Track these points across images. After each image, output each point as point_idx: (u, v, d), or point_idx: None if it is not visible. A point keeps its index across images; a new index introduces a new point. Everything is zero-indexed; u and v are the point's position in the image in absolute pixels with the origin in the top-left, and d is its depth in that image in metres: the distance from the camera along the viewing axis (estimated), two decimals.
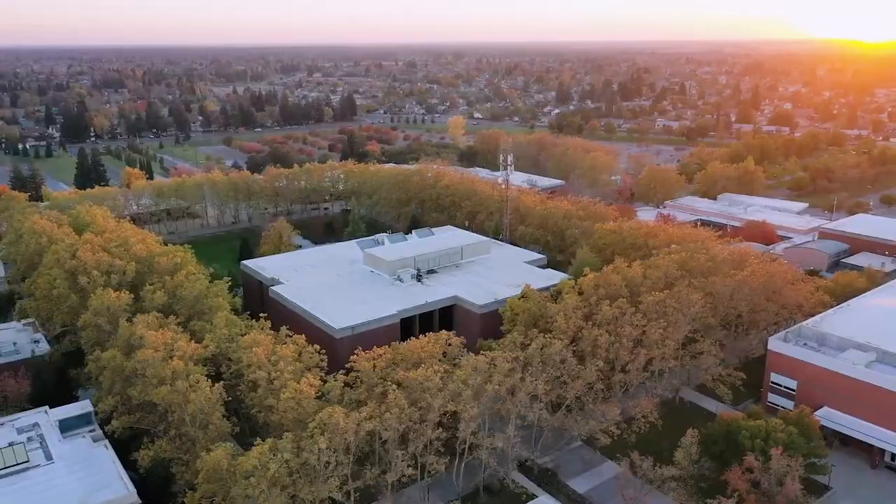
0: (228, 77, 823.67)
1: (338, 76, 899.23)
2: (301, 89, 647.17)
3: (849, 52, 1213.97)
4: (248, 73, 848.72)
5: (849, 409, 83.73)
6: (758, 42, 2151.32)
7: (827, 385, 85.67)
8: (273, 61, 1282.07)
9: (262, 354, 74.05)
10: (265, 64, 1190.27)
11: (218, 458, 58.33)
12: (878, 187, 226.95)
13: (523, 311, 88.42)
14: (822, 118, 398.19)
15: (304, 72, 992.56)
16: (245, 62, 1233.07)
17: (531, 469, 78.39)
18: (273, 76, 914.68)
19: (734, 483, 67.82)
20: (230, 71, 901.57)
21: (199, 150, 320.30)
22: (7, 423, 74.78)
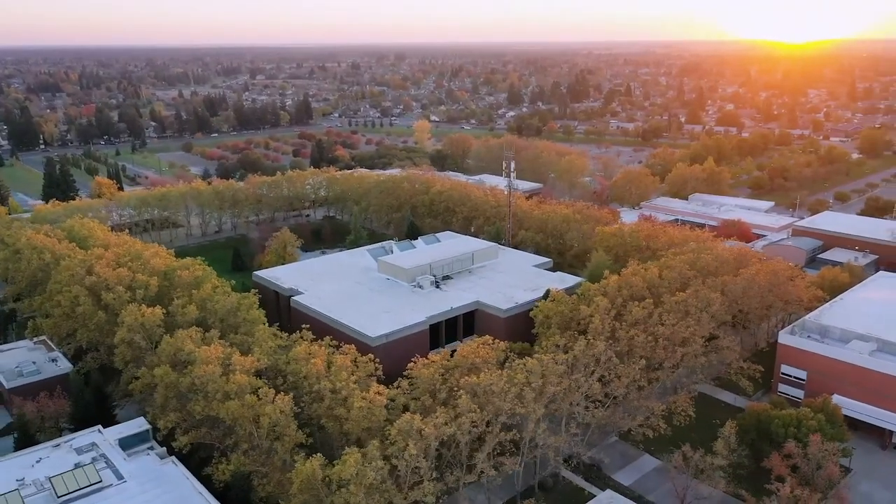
0: (169, 80, 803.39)
1: (282, 78, 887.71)
2: (249, 93, 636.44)
3: (774, 53, 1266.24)
4: (191, 76, 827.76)
5: (857, 395, 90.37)
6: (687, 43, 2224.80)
7: (835, 374, 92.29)
8: (211, 63, 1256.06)
9: (321, 365, 75.67)
10: (203, 66, 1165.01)
11: (313, 468, 59.89)
12: (829, 185, 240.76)
13: (555, 314, 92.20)
14: (764, 118, 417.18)
15: (246, 74, 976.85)
16: (182, 64, 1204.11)
17: (576, 465, 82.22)
18: (214, 79, 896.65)
19: (776, 469, 73.07)
20: (170, 73, 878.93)
21: (158, 156, 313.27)
22: (63, 444, 74.07)
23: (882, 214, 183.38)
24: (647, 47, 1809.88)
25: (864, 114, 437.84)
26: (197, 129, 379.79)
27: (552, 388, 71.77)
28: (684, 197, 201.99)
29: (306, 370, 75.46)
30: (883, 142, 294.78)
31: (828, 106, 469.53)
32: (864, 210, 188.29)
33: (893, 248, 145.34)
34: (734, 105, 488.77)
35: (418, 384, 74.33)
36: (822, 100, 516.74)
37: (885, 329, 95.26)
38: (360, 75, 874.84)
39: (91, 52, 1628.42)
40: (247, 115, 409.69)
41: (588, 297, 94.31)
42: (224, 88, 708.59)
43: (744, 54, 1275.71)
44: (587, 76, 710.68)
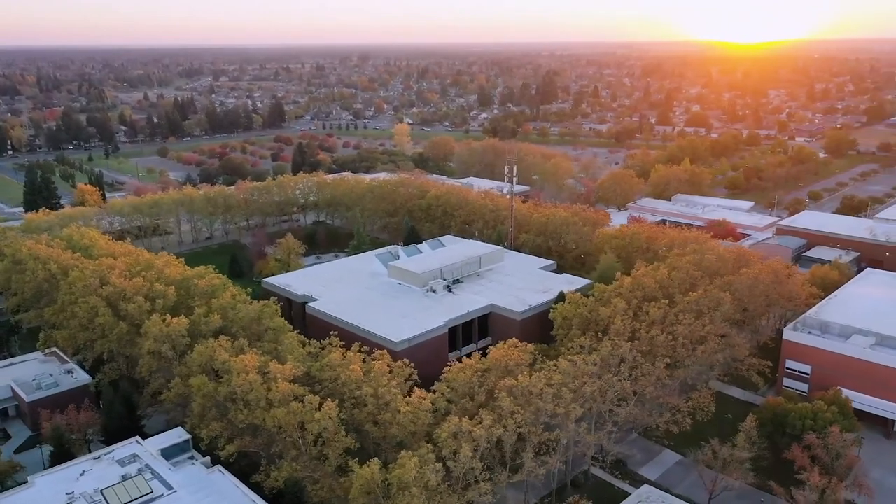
0: (130, 82, 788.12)
1: (247, 80, 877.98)
2: (215, 95, 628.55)
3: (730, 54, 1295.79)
4: (154, 79, 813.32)
5: (859, 387, 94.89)
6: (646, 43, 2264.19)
7: (838, 367, 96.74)
8: (171, 65, 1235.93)
9: (360, 371, 77.09)
10: (163, 68, 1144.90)
11: (372, 472, 61.37)
12: (801, 184, 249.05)
13: (575, 316, 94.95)
14: (730, 119, 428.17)
15: (209, 76, 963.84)
16: (141, 65, 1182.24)
17: (603, 461, 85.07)
18: (177, 81, 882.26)
19: (798, 460, 76.83)
20: (131, 75, 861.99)
21: (133, 161, 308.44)
22: (104, 456, 74.07)
23: (857, 212, 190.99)
24: (608, 48, 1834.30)
25: (823, 114, 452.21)
26: (169, 133, 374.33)
27: (588, 388, 74.34)
28: (667, 198, 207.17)
29: (344, 376, 76.81)
30: (847, 142, 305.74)
31: (789, 107, 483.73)
32: (840, 209, 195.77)
33: (873, 245, 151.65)
34: (700, 106, 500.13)
35: (456, 387, 76.12)
36: (783, 100, 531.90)
37: (883, 323, 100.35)
38: (326, 77, 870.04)
39: (42, 53, 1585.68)
40: (219, 119, 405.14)
41: (604, 298, 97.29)
42: (188, 91, 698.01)
43: (700, 55, 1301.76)
44: (554, 77, 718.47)
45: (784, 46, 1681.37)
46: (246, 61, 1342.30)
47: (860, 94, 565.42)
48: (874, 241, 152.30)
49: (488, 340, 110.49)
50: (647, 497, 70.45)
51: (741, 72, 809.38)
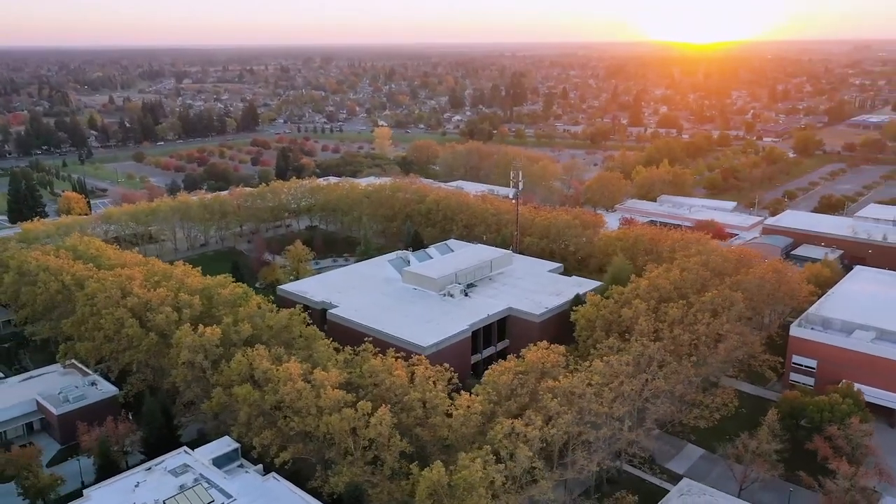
0: (92, 84, 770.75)
1: (211, 82, 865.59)
2: (182, 98, 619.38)
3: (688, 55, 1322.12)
4: (117, 81, 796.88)
5: (863, 379, 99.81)
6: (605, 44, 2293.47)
7: (843, 361, 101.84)
8: (130, 66, 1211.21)
9: (404, 376, 79.10)
10: (122, 69, 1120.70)
11: (439, 475, 63.44)
12: (775, 184, 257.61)
13: (598, 318, 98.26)
14: (698, 120, 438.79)
15: (171, 78, 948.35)
16: (99, 67, 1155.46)
17: (632, 457, 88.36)
18: (139, 83, 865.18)
19: (822, 450, 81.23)
20: (91, 78, 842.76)
21: (111, 167, 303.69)
22: (155, 467, 74.78)
23: (835, 211, 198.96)
24: (569, 49, 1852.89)
25: (786, 114, 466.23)
26: (142, 138, 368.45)
27: (628, 388, 77.55)
28: (652, 199, 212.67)
29: (389, 382, 78.68)
30: (814, 142, 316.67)
31: (753, 107, 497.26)
32: (818, 207, 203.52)
33: (856, 243, 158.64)
34: (667, 107, 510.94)
35: (498, 389, 78.50)
36: (746, 101, 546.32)
37: (882, 319, 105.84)
38: (292, 79, 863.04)
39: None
40: (192, 122, 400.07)
41: (623, 300, 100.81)
42: (153, 93, 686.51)
43: (659, 55, 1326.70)
44: (521, 79, 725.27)
45: (736, 47, 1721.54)
46: (207, 63, 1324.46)
47: (818, 95, 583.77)
48: (857, 239, 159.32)
49: (506, 343, 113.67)
50: (687, 490, 73.89)
51: (702, 72, 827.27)
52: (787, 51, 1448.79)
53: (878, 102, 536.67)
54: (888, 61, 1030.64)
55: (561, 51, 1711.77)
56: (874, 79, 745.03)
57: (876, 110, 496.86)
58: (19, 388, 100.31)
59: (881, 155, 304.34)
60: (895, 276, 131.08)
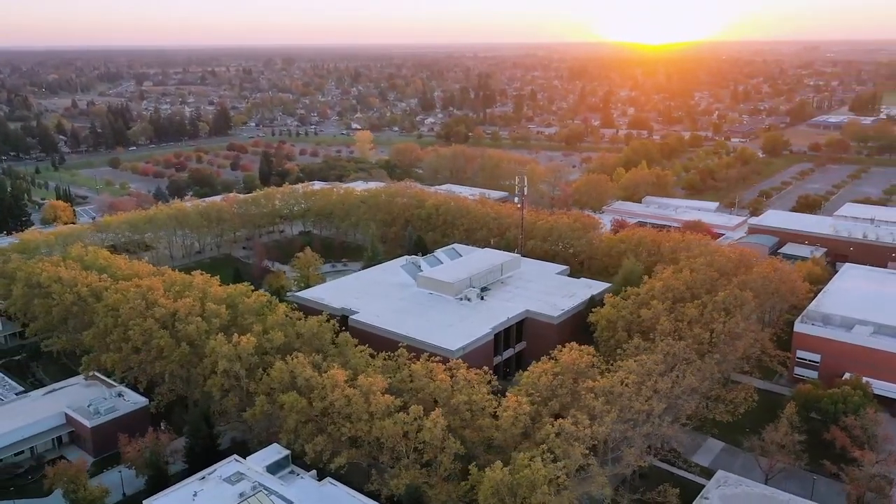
0: (50, 87, 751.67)
1: (172, 84, 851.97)
2: (147, 101, 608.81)
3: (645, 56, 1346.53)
4: (77, 84, 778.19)
5: (865, 372, 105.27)
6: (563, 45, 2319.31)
7: (845, 355, 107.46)
8: (86, 68, 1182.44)
9: (448, 380, 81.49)
10: (77, 71, 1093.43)
11: (502, 474, 66.02)
12: (749, 184, 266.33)
13: (619, 319, 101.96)
14: (666, 121, 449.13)
15: (131, 80, 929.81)
16: (53, 69, 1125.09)
17: (658, 451, 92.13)
18: (98, 85, 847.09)
19: (839, 440, 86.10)
20: (48, 80, 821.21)
21: (85, 173, 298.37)
22: (208, 476, 75.63)
23: (812, 210, 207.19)
24: (527, 49, 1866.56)
25: (749, 115, 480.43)
26: (114, 143, 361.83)
27: (662, 385, 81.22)
28: (637, 200, 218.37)
29: (434, 386, 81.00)
30: (782, 142, 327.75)
31: (717, 108, 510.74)
32: (796, 207, 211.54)
33: (838, 241, 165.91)
34: (634, 109, 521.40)
35: (539, 390, 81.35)
36: (710, 102, 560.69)
37: (878, 314, 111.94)
38: (257, 81, 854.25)
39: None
40: (164, 127, 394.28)
41: (640, 301, 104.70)
42: (114, 96, 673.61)
43: (615, 56, 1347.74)
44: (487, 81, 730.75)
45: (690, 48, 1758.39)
46: (165, 64, 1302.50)
47: (777, 96, 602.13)
48: (839, 237, 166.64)
49: (523, 345, 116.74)
50: (724, 481, 77.85)
51: (663, 74, 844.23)
52: (739, 51, 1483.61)
53: (834, 103, 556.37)
54: (837, 62, 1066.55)
55: (519, 52, 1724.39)
56: (827, 79, 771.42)
57: (833, 111, 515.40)
58: (44, 401, 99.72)
59: (845, 155, 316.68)
60: (883, 272, 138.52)
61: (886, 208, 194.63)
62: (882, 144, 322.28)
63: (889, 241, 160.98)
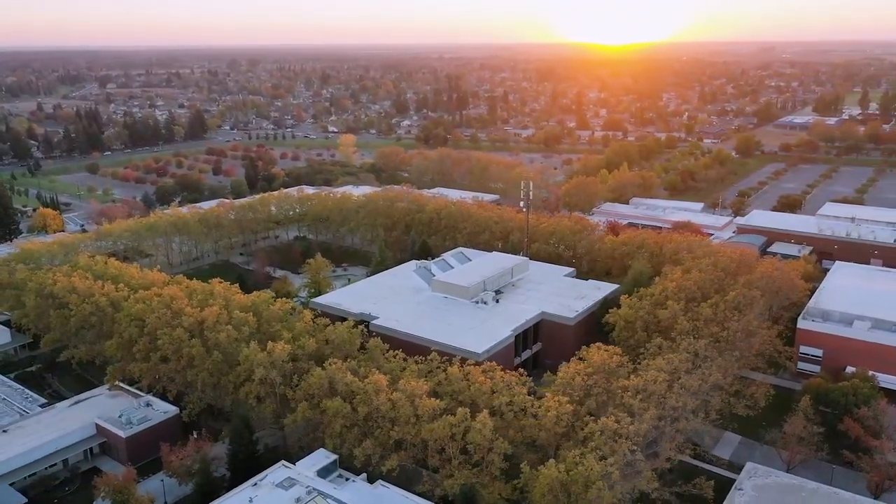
0: (10, 90, 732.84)
1: (137, 87, 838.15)
2: (114, 105, 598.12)
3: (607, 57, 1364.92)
4: (39, 87, 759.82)
5: (864, 365, 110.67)
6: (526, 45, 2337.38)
7: (846, 349, 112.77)
8: (44, 70, 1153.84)
9: (488, 382, 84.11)
10: (37, 73, 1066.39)
11: (557, 472, 68.85)
12: (727, 184, 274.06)
13: (637, 319, 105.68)
14: (639, 123, 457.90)
15: (93, 82, 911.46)
16: (10, 71, 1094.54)
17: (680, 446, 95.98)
18: (60, 88, 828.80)
19: (853, 430, 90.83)
20: (7, 83, 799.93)
21: (63, 179, 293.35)
22: (259, 482, 76.95)
23: (793, 209, 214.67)
24: (491, 50, 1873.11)
25: (717, 116, 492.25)
26: (89, 148, 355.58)
27: (694, 383, 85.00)
28: (624, 201, 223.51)
29: (474, 388, 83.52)
30: (754, 143, 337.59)
31: (687, 109, 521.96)
32: (778, 206, 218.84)
33: (823, 240, 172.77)
34: (606, 110, 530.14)
35: (574, 390, 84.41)
36: (678, 103, 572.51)
37: (875, 309, 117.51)
38: (224, 83, 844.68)
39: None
40: (139, 131, 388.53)
41: (655, 301, 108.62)
42: (78, 99, 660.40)
43: (579, 57, 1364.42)
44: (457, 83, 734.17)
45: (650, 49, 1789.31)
46: (126, 65, 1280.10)
47: (741, 97, 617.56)
48: (823, 236, 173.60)
49: (538, 346, 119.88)
50: (754, 472, 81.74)
51: (629, 75, 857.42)
52: (699, 52, 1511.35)
53: (796, 104, 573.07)
54: (795, 63, 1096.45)
55: (482, 53, 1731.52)
56: (787, 80, 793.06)
57: (796, 111, 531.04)
58: (72, 413, 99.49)
59: (815, 155, 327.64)
60: (871, 269, 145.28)
61: (864, 207, 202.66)
62: (849, 145, 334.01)
63: (870, 240, 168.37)
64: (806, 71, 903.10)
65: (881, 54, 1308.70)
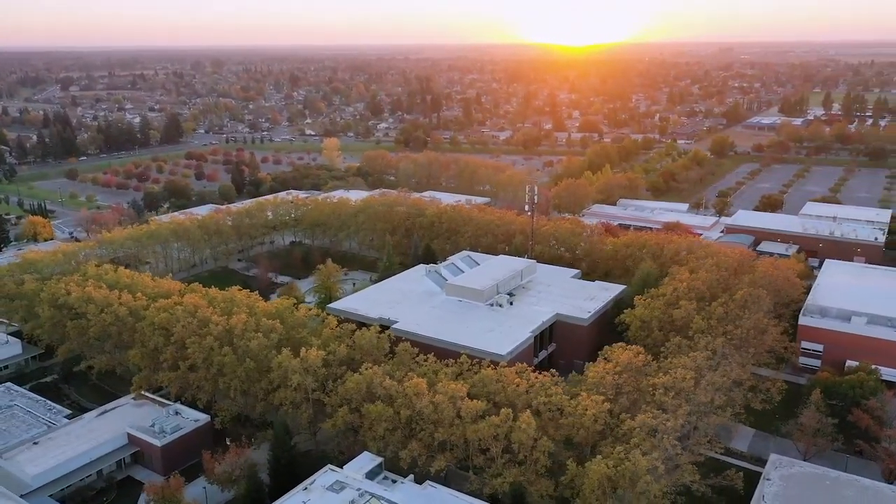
0: None
1: (101, 89, 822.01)
2: (82, 108, 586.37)
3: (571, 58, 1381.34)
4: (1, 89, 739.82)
5: (862, 358, 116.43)
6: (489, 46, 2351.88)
7: (845, 344, 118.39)
8: (1, 71, 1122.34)
9: (524, 384, 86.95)
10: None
11: (605, 468, 71.95)
12: (705, 184, 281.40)
13: (653, 318, 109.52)
14: (613, 124, 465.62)
15: (55, 84, 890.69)
16: None
17: None
18: (20, 90, 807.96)
19: (862, 421, 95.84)
20: None
21: (42, 186, 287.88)
22: (309, 485, 78.66)
23: (774, 209, 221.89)
24: (455, 51, 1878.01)
25: (687, 117, 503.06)
26: (64, 153, 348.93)
27: (719, 379, 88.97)
28: (612, 203, 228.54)
29: (510, 390, 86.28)
30: (727, 144, 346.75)
31: (657, 110, 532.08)
32: (759, 206, 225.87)
33: (808, 238, 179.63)
34: (579, 111, 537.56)
35: (606, 389, 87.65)
36: (648, 105, 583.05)
37: (869, 305, 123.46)
38: (191, 85, 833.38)
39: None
40: (114, 135, 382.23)
41: (667, 301, 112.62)
42: (41, 102, 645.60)
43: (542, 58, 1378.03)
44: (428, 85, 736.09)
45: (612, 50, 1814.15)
46: (85, 67, 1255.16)
47: (707, 97, 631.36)
48: (808, 234, 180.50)
49: (553, 346, 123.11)
50: (779, 463, 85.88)
51: (595, 76, 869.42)
52: (661, 53, 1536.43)
53: (761, 104, 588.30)
54: (755, 64, 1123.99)
55: (447, 53, 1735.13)
56: (749, 81, 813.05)
57: (762, 112, 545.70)
58: (101, 423, 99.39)
59: (786, 155, 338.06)
60: (859, 266, 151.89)
61: (843, 206, 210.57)
62: (818, 145, 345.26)
63: (853, 238, 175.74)
64: (766, 72, 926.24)
65: (835, 55, 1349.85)
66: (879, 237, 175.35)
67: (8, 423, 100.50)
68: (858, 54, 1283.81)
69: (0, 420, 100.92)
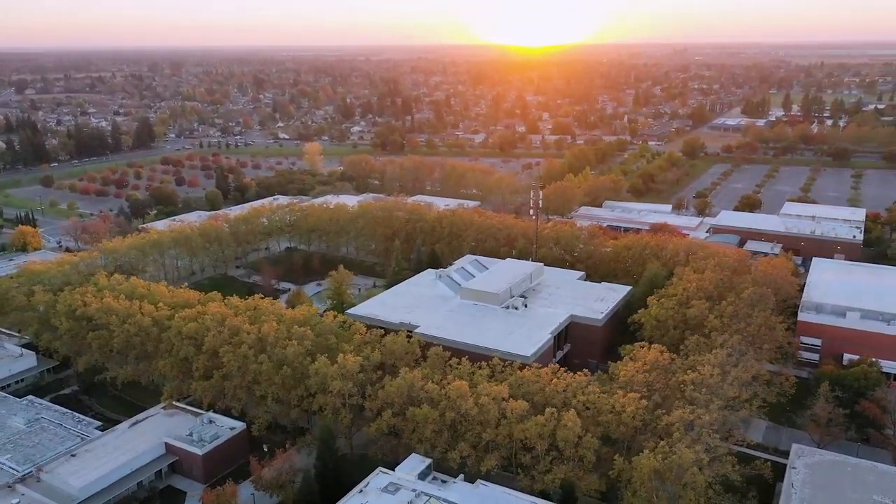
0: None
1: (58, 92, 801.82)
2: (43, 112, 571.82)
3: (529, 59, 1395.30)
4: None
5: (858, 352, 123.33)
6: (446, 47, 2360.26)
7: (841, 338, 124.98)
8: None
9: (559, 384, 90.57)
10: None
11: (656, 461, 75.89)
12: (682, 185, 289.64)
13: (668, 318, 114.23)
14: (584, 126, 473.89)
15: (9, 87, 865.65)
16: None
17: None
18: None
19: (870, 411, 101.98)
20: None
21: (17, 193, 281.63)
22: (365, 488, 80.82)
23: (753, 209, 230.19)
24: (416, 52, 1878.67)
25: (654, 118, 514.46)
26: (35, 160, 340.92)
27: (744, 375, 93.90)
28: (598, 205, 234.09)
29: (549, 390, 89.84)
30: (698, 145, 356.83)
31: (625, 112, 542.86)
32: (739, 206, 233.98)
33: (790, 237, 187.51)
34: (549, 114, 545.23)
35: (638, 387, 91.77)
36: (614, 106, 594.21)
37: (862, 300, 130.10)
38: (152, 88, 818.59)
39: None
40: (85, 140, 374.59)
41: (678, 300, 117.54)
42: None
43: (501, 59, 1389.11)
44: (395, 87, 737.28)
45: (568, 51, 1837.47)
46: (38, 69, 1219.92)
47: (670, 99, 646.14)
48: (791, 233, 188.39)
49: (567, 347, 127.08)
50: (801, 452, 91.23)
51: (558, 78, 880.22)
52: (617, 54, 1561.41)
53: (723, 105, 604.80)
54: (710, 65, 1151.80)
55: (406, 54, 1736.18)
56: (708, 82, 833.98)
57: (724, 113, 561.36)
58: (135, 434, 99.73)
59: (755, 155, 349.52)
60: (846, 264, 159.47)
61: (820, 206, 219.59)
62: (784, 146, 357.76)
63: (832, 236, 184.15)
64: (723, 73, 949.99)
65: (786, 56, 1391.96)
66: (857, 235, 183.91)
67: (39, 436, 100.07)
68: (807, 55, 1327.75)
69: (31, 433, 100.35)
